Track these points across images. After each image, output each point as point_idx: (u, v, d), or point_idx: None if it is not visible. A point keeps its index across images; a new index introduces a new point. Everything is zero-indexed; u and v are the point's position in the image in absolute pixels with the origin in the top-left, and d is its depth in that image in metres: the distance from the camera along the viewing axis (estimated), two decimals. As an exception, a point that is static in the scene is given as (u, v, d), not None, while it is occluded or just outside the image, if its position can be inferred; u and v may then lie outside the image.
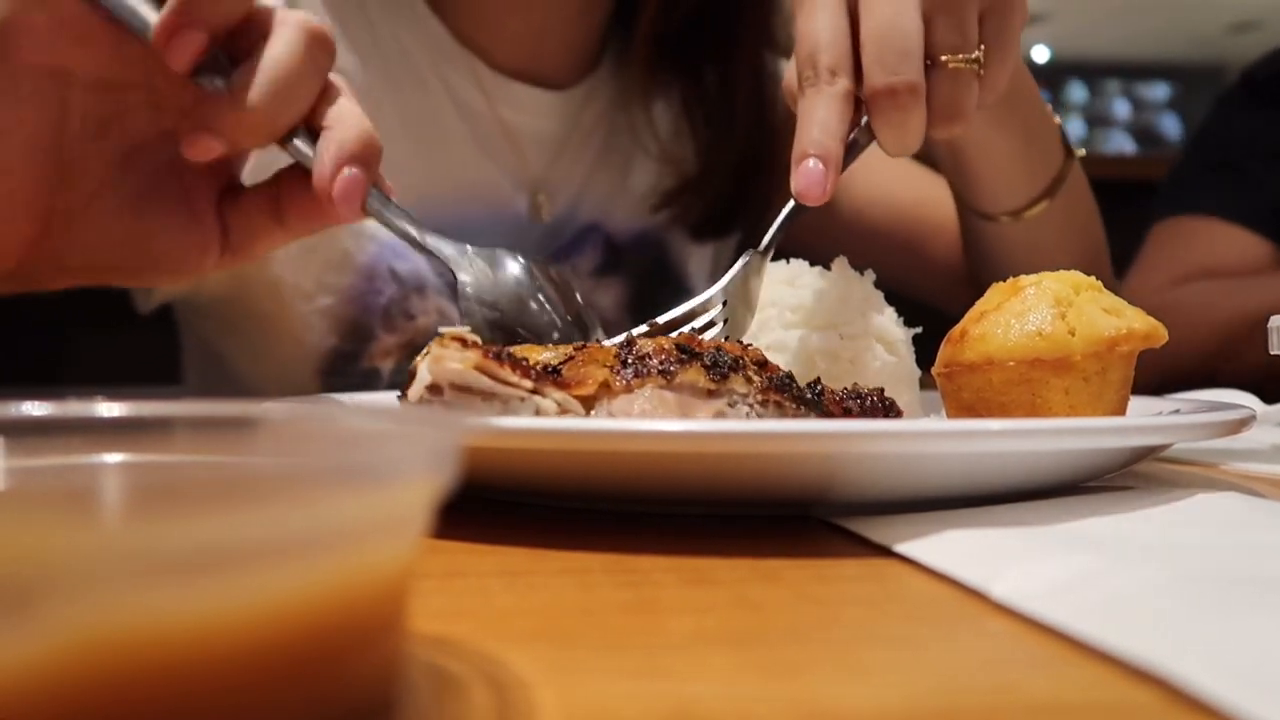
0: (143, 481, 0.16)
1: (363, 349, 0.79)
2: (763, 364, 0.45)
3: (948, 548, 0.33)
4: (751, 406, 0.42)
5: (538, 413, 0.41)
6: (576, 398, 0.42)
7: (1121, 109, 5.94)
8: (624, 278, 0.89)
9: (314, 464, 0.19)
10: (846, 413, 0.44)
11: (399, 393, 0.43)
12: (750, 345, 0.46)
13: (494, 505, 0.42)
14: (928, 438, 0.37)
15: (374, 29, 0.80)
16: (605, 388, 0.42)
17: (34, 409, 0.25)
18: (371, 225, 0.76)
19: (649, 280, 0.91)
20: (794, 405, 0.43)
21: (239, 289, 0.79)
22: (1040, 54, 4.21)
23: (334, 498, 0.18)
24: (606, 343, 0.48)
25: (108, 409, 0.26)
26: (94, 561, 0.15)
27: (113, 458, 0.26)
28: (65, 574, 0.15)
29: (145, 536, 0.16)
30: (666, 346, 0.44)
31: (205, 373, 0.88)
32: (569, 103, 0.86)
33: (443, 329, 0.45)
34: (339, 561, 0.19)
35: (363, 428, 0.26)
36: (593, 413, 0.42)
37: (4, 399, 0.25)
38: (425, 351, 0.46)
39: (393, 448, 0.21)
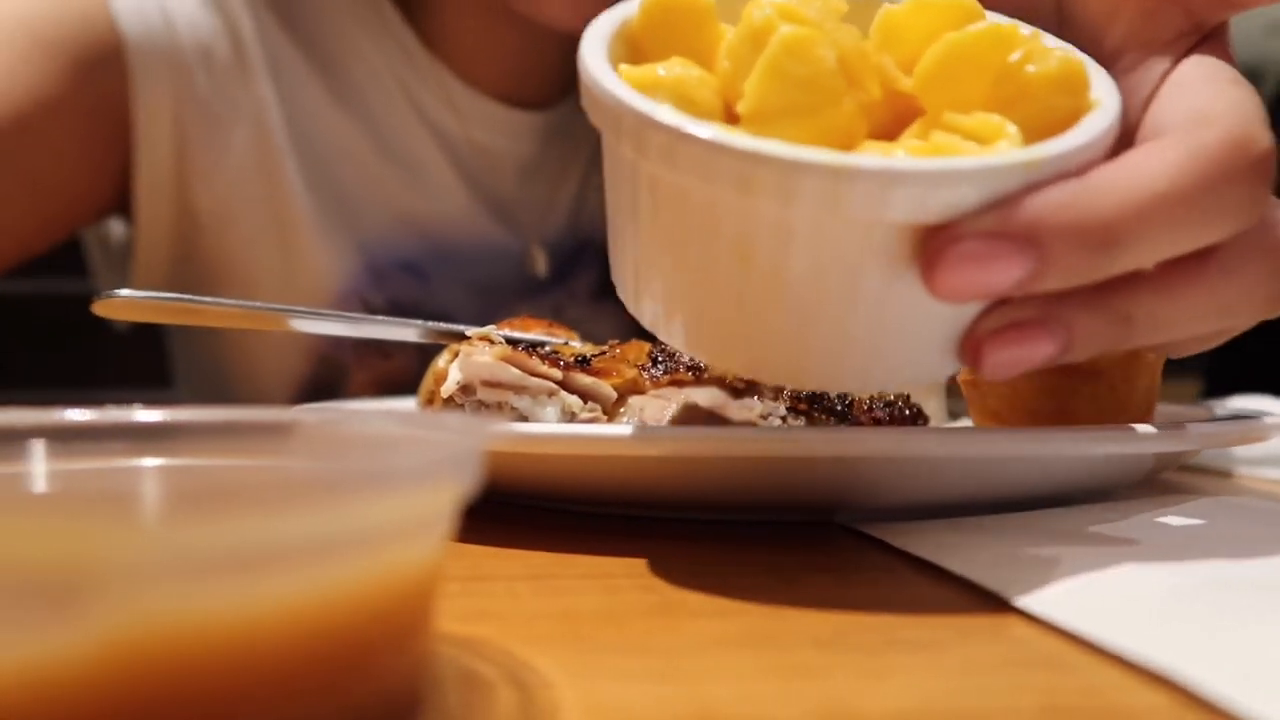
0: (183, 484, 0.17)
1: (336, 383, 0.77)
2: None
3: (968, 554, 0.33)
4: (784, 418, 0.43)
5: (564, 410, 0.42)
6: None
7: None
8: None
9: (346, 468, 0.20)
10: (876, 421, 0.45)
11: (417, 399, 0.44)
12: None
13: (517, 508, 0.43)
14: (950, 445, 0.37)
15: (339, 40, 0.76)
16: (633, 384, 0.43)
17: (75, 415, 0.26)
18: (342, 249, 0.74)
19: None
20: (823, 416, 0.44)
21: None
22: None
23: (365, 501, 0.19)
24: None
25: (146, 415, 0.27)
26: (136, 561, 0.16)
27: (152, 461, 0.27)
28: (110, 573, 0.16)
29: (186, 536, 0.17)
30: None
31: (196, 382, 0.85)
32: (548, 123, 0.81)
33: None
34: (370, 563, 0.20)
35: (392, 433, 0.27)
36: (622, 413, 0.43)
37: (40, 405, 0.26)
38: (453, 352, 0.47)
39: (421, 452, 0.22)
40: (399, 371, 0.76)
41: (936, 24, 0.32)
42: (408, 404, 0.56)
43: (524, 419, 0.41)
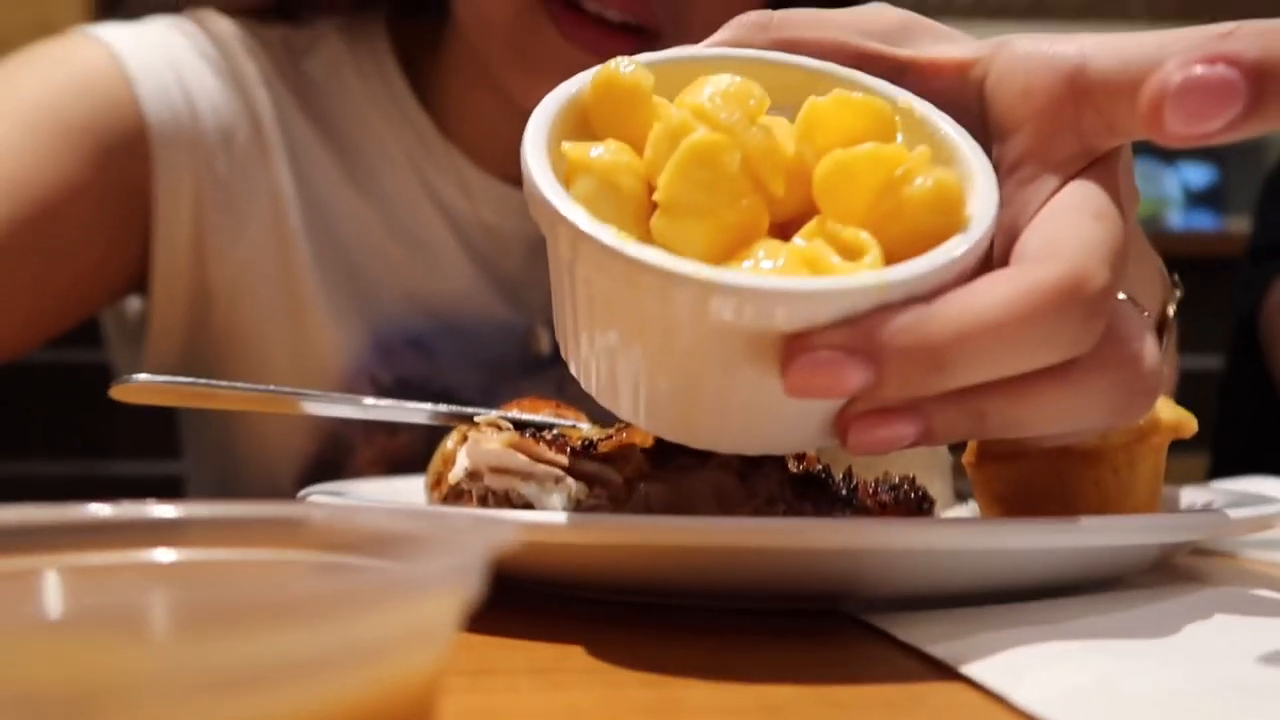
0: (191, 599, 0.17)
1: (343, 459, 0.77)
2: (801, 456, 0.45)
3: (973, 649, 0.33)
4: (789, 504, 0.43)
5: (570, 496, 0.42)
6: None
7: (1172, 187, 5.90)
8: None
9: (354, 580, 0.20)
10: (881, 506, 0.45)
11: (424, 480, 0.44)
12: None
13: (520, 595, 0.43)
14: (954, 535, 0.37)
15: (356, 124, 0.77)
16: (639, 469, 0.43)
17: (92, 510, 0.27)
18: (352, 327, 0.75)
19: None
20: (828, 501, 0.44)
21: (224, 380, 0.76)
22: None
23: (373, 613, 0.19)
24: None
25: (159, 510, 0.28)
26: (141, 681, 0.16)
27: (165, 555, 0.27)
28: (114, 694, 0.16)
29: (194, 655, 0.17)
30: None
31: (204, 455, 0.85)
32: None
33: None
34: (376, 672, 0.20)
35: (402, 530, 0.27)
36: (628, 500, 0.43)
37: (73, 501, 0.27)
38: (459, 437, 0.48)
39: (431, 559, 0.22)
40: (405, 448, 0.76)
41: (854, 122, 0.35)
42: (415, 484, 0.56)
43: (531, 505, 0.41)
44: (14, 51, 0.73)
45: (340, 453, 0.77)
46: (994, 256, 0.36)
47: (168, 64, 0.71)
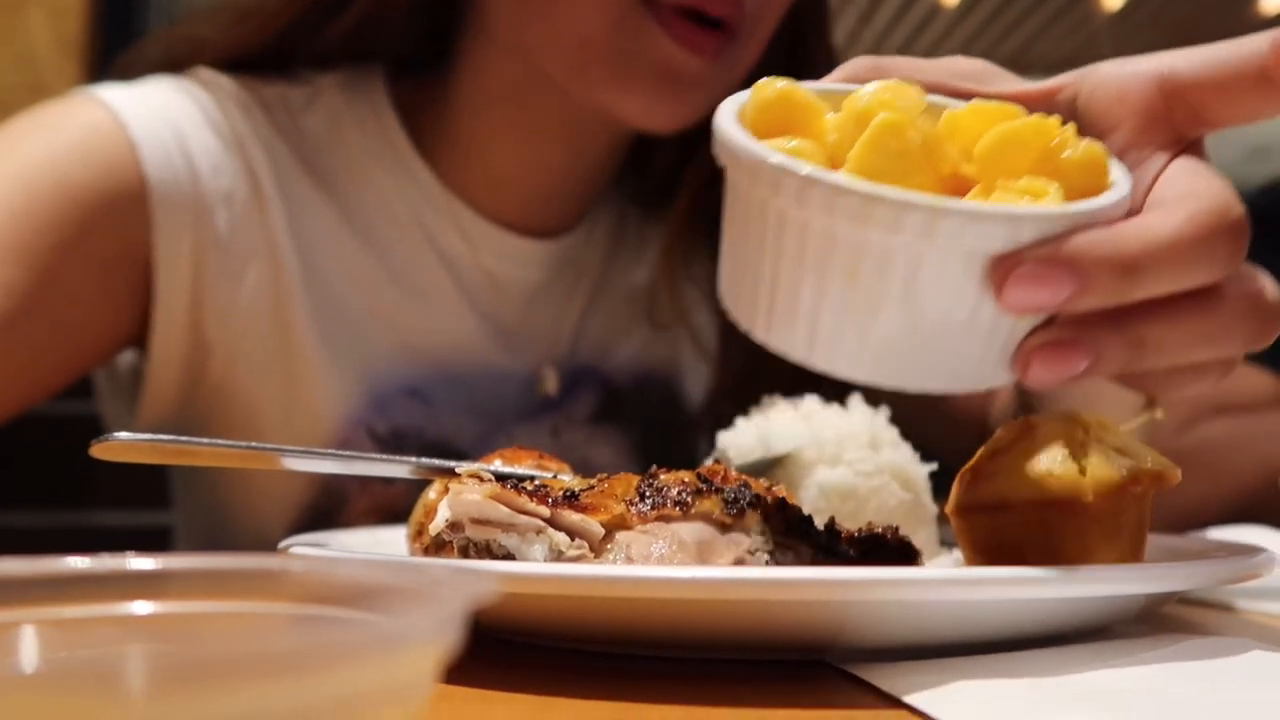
0: (164, 656, 0.17)
1: (337, 509, 0.77)
2: (784, 506, 0.45)
3: (957, 701, 0.33)
4: (771, 554, 0.43)
5: (551, 547, 0.42)
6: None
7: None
8: (624, 425, 0.85)
9: (332, 631, 0.20)
10: (864, 555, 0.45)
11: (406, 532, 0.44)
12: (776, 485, 0.47)
13: (501, 646, 0.43)
14: (937, 587, 0.37)
15: (354, 174, 0.78)
16: (620, 519, 0.43)
17: (71, 563, 0.27)
18: (347, 378, 0.75)
19: (653, 427, 0.86)
20: (811, 551, 0.44)
21: (217, 432, 0.76)
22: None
23: (349, 669, 0.19)
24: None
25: (138, 563, 0.27)
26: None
27: (143, 607, 0.27)
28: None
29: (168, 712, 0.17)
30: (687, 479, 0.45)
31: (193, 507, 0.85)
32: (557, 252, 0.83)
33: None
34: (351, 726, 0.20)
35: (381, 583, 0.27)
36: (609, 550, 0.43)
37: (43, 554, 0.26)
38: (441, 489, 0.47)
39: (409, 611, 0.22)
40: (401, 498, 0.76)
41: (988, 124, 0.41)
42: (397, 535, 0.56)
43: (512, 557, 0.41)
44: (7, 111, 0.73)
45: (335, 503, 0.77)
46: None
47: (169, 126, 0.72)
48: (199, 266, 0.72)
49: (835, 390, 0.63)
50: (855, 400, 0.60)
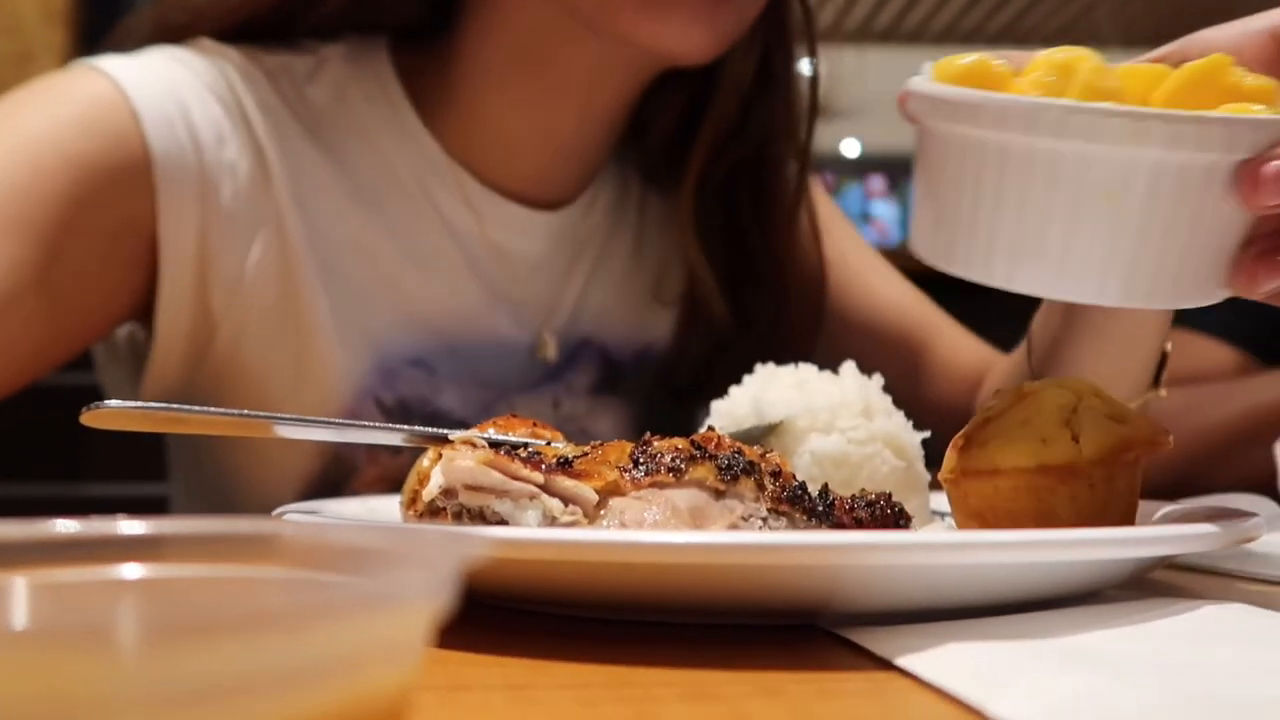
0: (156, 614, 0.17)
1: (345, 479, 0.77)
2: (777, 473, 0.45)
3: (949, 663, 0.34)
4: (765, 520, 0.43)
5: (545, 513, 0.42)
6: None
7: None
8: (623, 397, 0.86)
9: (323, 592, 0.20)
10: (857, 521, 0.45)
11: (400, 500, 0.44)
12: (770, 452, 0.47)
13: (495, 611, 0.43)
14: (930, 551, 0.37)
15: (360, 144, 0.78)
16: (614, 486, 0.43)
17: (61, 526, 0.27)
18: (354, 349, 0.75)
19: (652, 399, 0.87)
20: (804, 517, 0.44)
21: (224, 405, 0.76)
22: (851, 148, 4.17)
23: (342, 625, 0.19)
24: None
25: (129, 526, 0.27)
26: (111, 694, 0.16)
27: (134, 570, 0.27)
28: (85, 707, 0.16)
29: (160, 669, 0.17)
30: (681, 445, 0.45)
31: (192, 479, 0.85)
32: (560, 224, 0.83)
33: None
34: (345, 684, 0.20)
35: (373, 546, 0.27)
36: (603, 516, 0.43)
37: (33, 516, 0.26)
38: (435, 456, 0.47)
39: (400, 573, 0.22)
40: (409, 467, 0.76)
41: (1142, 85, 0.43)
42: (391, 503, 0.56)
43: (505, 522, 0.41)
44: (-2, 82, 0.72)
45: (343, 472, 0.77)
46: None
47: (172, 96, 0.71)
48: (204, 238, 0.71)
49: (828, 359, 0.63)
50: (848, 368, 0.60)
